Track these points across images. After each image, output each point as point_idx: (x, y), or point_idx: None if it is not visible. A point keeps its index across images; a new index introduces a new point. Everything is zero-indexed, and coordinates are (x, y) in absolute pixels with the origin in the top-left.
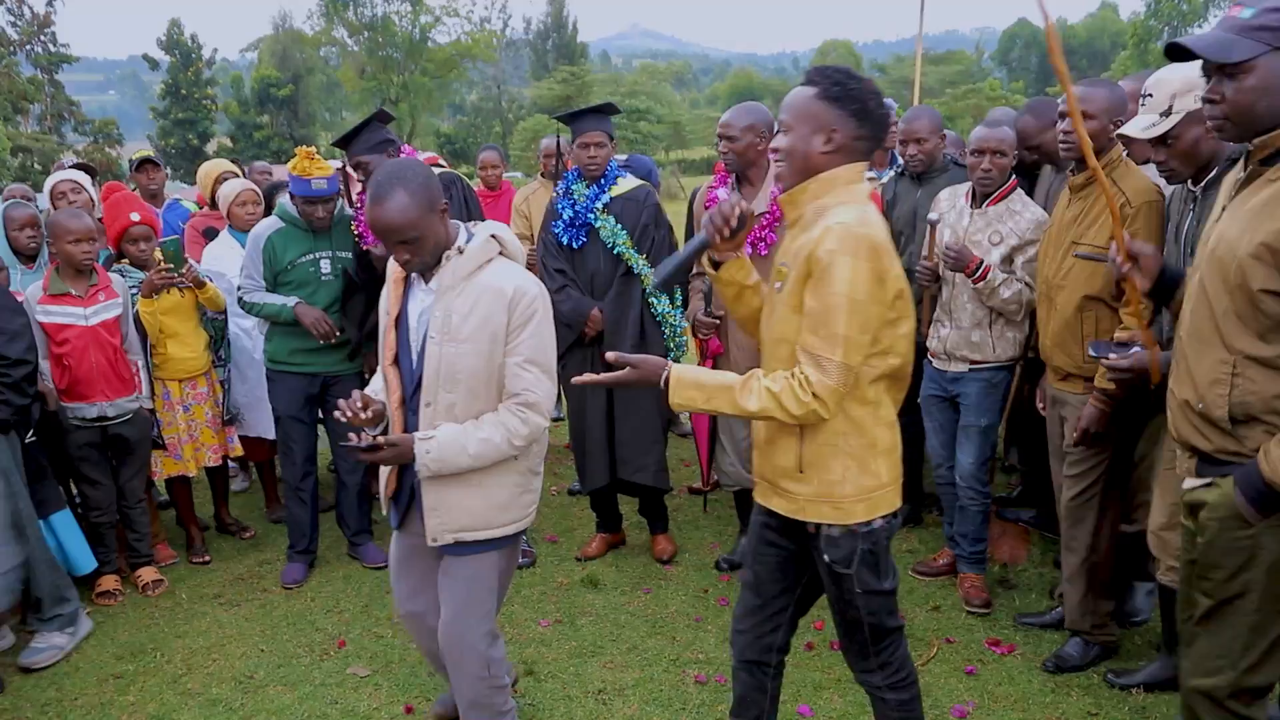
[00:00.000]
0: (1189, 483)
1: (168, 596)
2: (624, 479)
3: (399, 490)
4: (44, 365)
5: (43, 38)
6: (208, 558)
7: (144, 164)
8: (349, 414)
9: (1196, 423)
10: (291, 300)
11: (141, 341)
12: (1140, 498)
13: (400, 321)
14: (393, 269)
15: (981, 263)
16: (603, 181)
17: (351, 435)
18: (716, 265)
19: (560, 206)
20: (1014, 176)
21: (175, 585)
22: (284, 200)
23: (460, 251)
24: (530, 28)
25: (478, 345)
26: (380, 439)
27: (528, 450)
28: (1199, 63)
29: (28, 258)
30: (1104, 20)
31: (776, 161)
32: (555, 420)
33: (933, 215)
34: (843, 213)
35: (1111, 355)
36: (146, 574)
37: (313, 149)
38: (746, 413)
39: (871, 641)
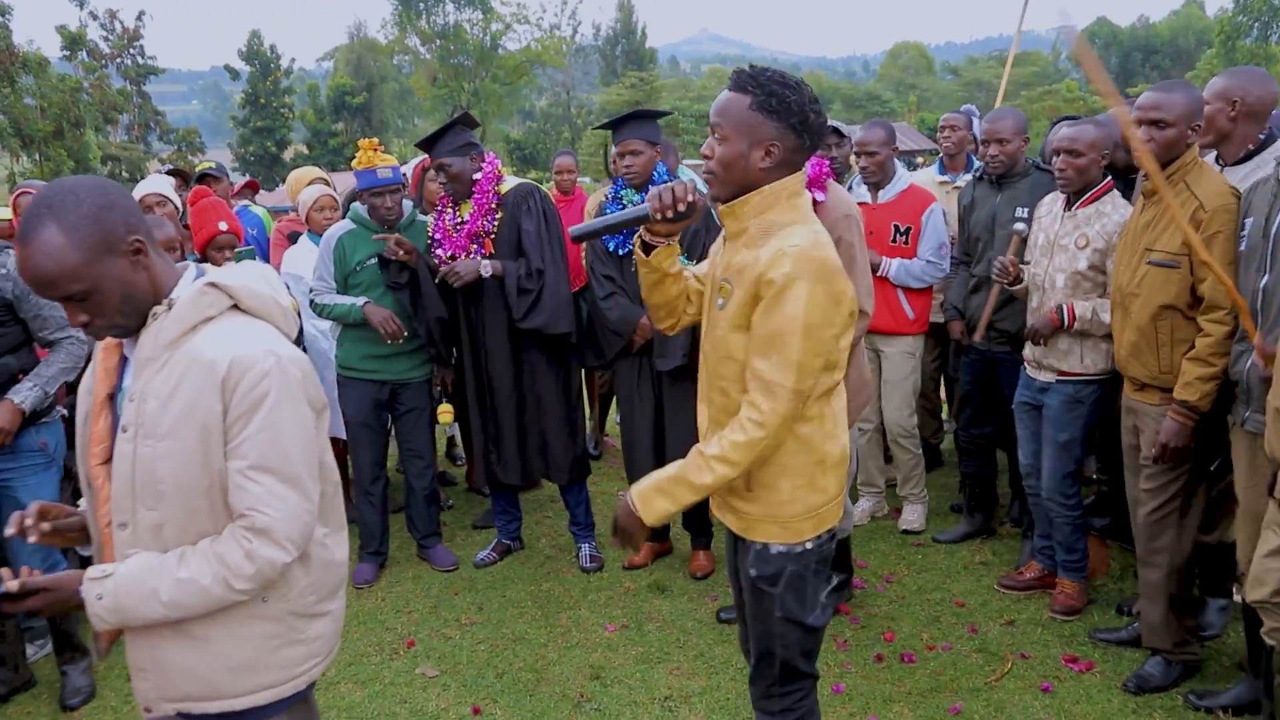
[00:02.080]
0: None
1: None
2: None
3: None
4: None
5: (132, 51)
6: None
7: (204, 178)
8: (12, 529)
9: None
10: (360, 300)
11: None
12: (1230, 507)
13: (115, 403)
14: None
15: (1060, 310)
16: (649, 188)
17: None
18: (647, 250)
19: (609, 212)
20: (1108, 178)
21: None
22: (356, 204)
23: (170, 307)
24: (599, 34)
25: (183, 443)
26: (16, 584)
27: (285, 588)
28: None
29: None
30: (1188, 17)
31: (707, 172)
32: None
33: (1019, 225)
34: (795, 234)
35: None
36: None
37: (375, 140)
38: (709, 489)
39: (780, 681)
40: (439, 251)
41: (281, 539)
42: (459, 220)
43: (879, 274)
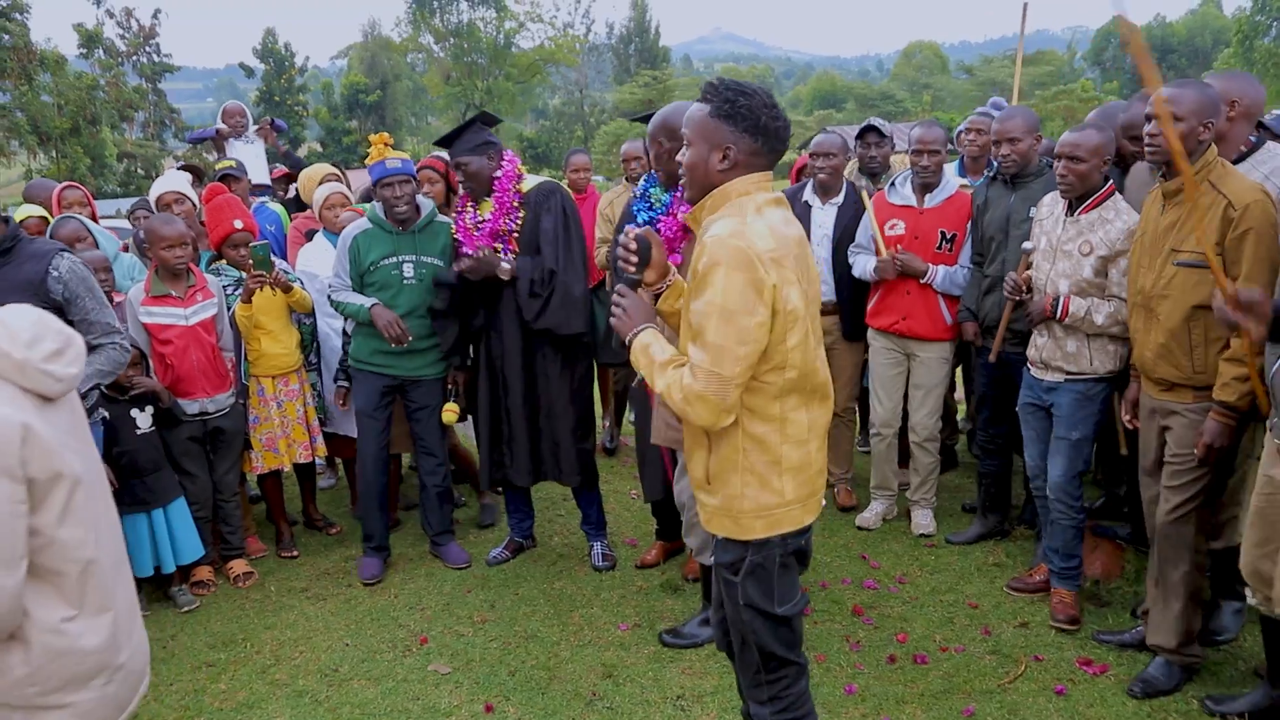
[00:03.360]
0: None
1: (257, 589)
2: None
3: None
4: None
5: (148, 48)
6: (295, 552)
7: (224, 178)
8: None
9: None
10: (370, 301)
11: (234, 340)
12: (1228, 513)
13: None
14: None
15: (1056, 301)
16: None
17: None
18: (656, 298)
19: (636, 209)
20: (1109, 182)
21: (264, 578)
22: (374, 203)
23: None
24: (613, 32)
25: None
26: None
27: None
28: None
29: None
30: (1205, 17)
31: (680, 175)
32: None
33: (1028, 244)
34: (719, 225)
35: None
36: (238, 566)
37: (386, 134)
38: (654, 388)
39: (763, 667)
40: (464, 251)
41: None
42: (480, 219)
43: (924, 281)
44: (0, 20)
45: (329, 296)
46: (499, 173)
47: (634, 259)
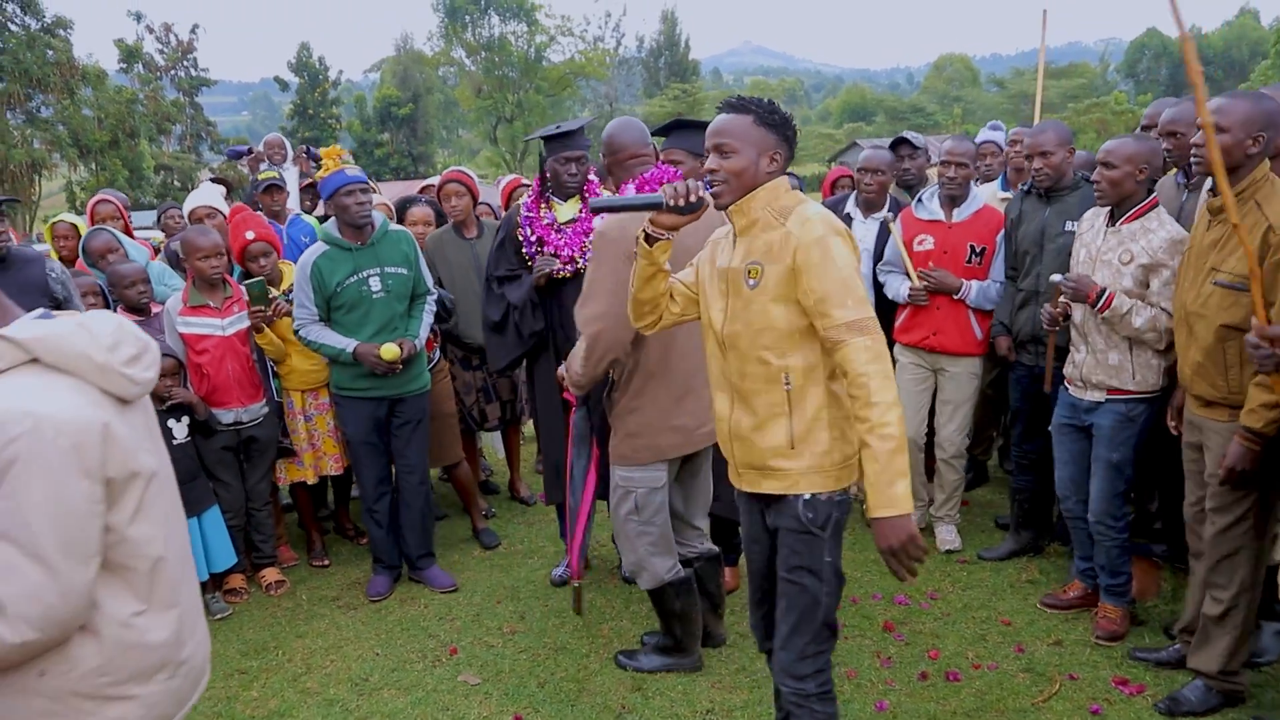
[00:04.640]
0: None
1: (289, 597)
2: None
3: None
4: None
5: (185, 63)
6: (327, 561)
7: (270, 188)
8: None
9: None
10: (350, 345)
11: (259, 354)
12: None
13: None
14: None
15: (1103, 291)
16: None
17: None
18: (650, 241)
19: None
20: (1153, 194)
21: (296, 586)
22: (327, 225)
23: None
24: (643, 46)
25: None
26: None
27: (66, 665)
28: None
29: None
30: (1242, 28)
31: (719, 181)
32: None
33: (1056, 277)
34: (808, 207)
35: None
36: (270, 574)
37: (339, 148)
38: (900, 439)
39: (816, 638)
40: (549, 249)
41: (11, 616)
42: (556, 220)
43: (958, 297)
44: (45, 37)
45: (295, 331)
46: (593, 176)
47: (684, 202)
